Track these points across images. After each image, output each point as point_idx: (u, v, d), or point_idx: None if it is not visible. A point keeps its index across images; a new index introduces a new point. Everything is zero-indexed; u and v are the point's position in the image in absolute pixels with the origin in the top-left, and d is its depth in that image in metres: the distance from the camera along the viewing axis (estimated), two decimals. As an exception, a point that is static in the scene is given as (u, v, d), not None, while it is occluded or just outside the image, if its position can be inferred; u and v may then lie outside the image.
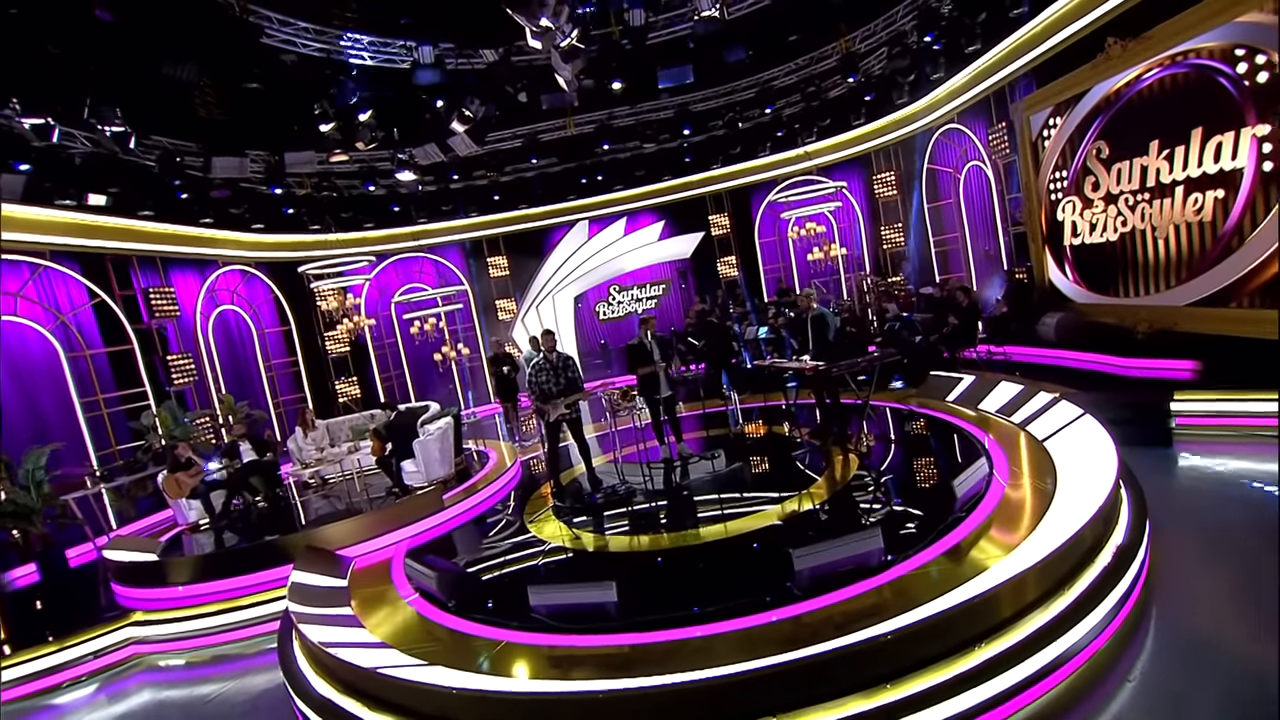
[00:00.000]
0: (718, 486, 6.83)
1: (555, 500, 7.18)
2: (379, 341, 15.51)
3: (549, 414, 7.14)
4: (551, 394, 7.08)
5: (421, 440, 8.31)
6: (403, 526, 7.14)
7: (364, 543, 6.85)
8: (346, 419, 10.61)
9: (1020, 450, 5.84)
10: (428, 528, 7.21)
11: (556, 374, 7.12)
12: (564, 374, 7.14)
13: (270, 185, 11.70)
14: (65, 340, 9.56)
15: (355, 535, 6.90)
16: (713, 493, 6.71)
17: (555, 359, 7.17)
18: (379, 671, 3.81)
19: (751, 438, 8.32)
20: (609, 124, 13.29)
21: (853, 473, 6.46)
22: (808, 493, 6.10)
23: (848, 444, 7.19)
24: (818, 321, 7.34)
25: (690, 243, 16.66)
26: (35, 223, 9.07)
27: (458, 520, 7.40)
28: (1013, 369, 9.04)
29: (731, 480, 6.95)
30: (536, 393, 7.14)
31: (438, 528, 7.22)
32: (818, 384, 7.59)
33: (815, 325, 7.35)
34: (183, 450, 8.24)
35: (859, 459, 6.78)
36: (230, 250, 12.46)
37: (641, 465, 7.76)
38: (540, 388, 7.11)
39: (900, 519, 5.11)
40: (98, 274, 10.14)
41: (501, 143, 13.36)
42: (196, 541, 7.97)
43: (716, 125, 14.14)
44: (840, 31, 11.15)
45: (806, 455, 7.21)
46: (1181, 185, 7.26)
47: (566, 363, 7.21)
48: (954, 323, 9.68)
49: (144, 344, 10.47)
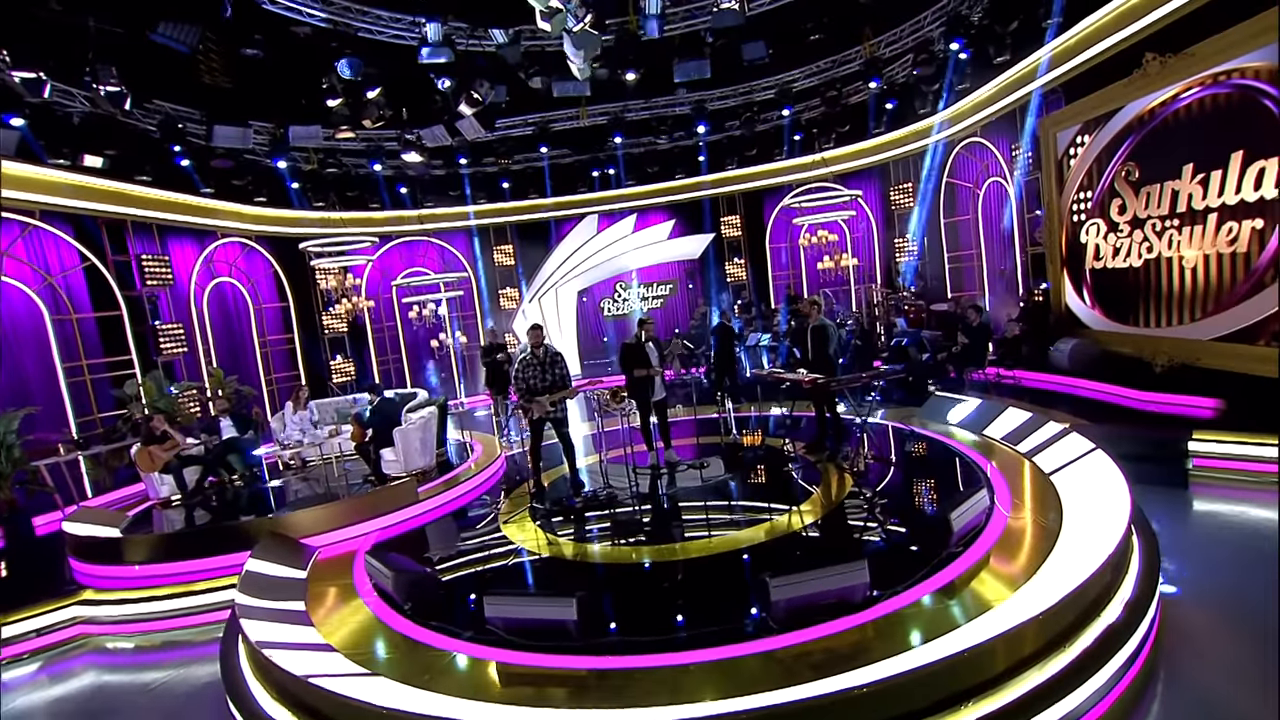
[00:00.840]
0: (703, 498, 6.52)
1: (534, 501, 6.87)
2: (378, 324, 15.26)
3: (533, 411, 6.83)
4: (537, 390, 6.77)
5: (402, 429, 8.02)
6: (374, 518, 6.85)
7: (332, 532, 6.56)
8: (333, 401, 10.35)
9: (1025, 482, 5.47)
10: (400, 521, 6.91)
11: (543, 370, 6.81)
12: (551, 370, 6.82)
13: (273, 157, 11.43)
14: (52, 302, 9.33)
15: (324, 523, 6.61)
16: (697, 504, 6.39)
17: (543, 354, 6.85)
18: (310, 680, 3.51)
19: (744, 448, 7.97)
20: (622, 116, 12.95)
21: (846, 492, 6.12)
22: (797, 511, 5.76)
23: (843, 461, 6.84)
24: (819, 332, 6.98)
25: (700, 244, 16.32)
26: (27, 180, 8.85)
27: (432, 515, 7.10)
28: (1022, 394, 8.65)
29: (718, 492, 6.62)
30: (522, 388, 6.83)
31: (410, 521, 6.92)
32: (816, 397, 7.24)
33: (816, 336, 6.99)
34: (158, 423, 7.98)
35: (854, 478, 6.43)
36: (231, 222, 12.22)
37: (627, 469, 7.44)
38: (526, 383, 6.80)
39: (891, 548, 4.77)
40: (90, 237, 9.91)
41: (512, 129, 13.05)
42: (166, 518, 7.70)
43: (733, 125, 13.81)
44: (865, 35, 10.76)
45: (800, 470, 6.86)
46: (1215, 213, 6.84)
47: (554, 359, 6.89)
48: (964, 342, 9.30)
49: (133, 311, 10.23)
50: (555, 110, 12.92)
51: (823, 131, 13.22)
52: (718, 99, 12.70)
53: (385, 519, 6.87)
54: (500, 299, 16.04)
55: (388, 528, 6.75)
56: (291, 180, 12.41)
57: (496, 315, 16.00)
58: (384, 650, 4.14)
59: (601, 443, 7.89)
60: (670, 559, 5.11)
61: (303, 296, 14.08)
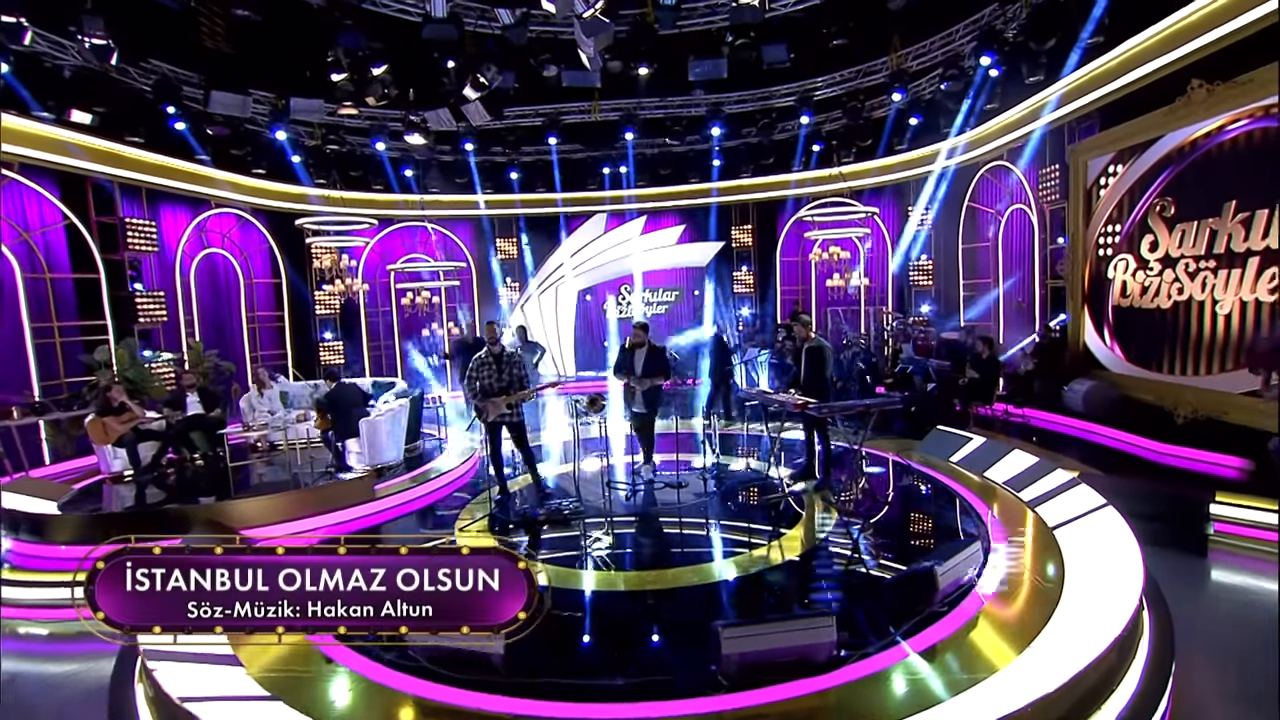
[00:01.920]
0: (676, 521, 6.06)
1: (495, 509, 6.42)
2: (373, 309, 14.91)
3: (488, 412, 6.39)
4: (491, 390, 6.33)
5: (370, 420, 7.61)
6: (325, 513, 6.46)
7: (279, 524, 6.16)
8: (305, 384, 9.97)
9: (1026, 535, 4.96)
10: (352, 518, 6.51)
11: (500, 369, 6.36)
12: (508, 370, 6.38)
13: (273, 127, 11.10)
14: (27, 260, 9.02)
15: (268, 515, 6.22)
16: (668, 528, 5.94)
17: (499, 352, 6.41)
18: (184, 702, 3.07)
19: (728, 470, 7.50)
20: (635, 114, 12.54)
21: (830, 527, 5.64)
22: (773, 545, 5.29)
23: (831, 494, 6.35)
24: (815, 354, 6.50)
25: (708, 251, 15.86)
26: (9, 131, 8.53)
27: (387, 514, 6.68)
28: (1030, 435, 8.12)
29: (692, 516, 6.15)
30: (474, 388, 6.39)
31: (362, 520, 6.51)
32: (807, 422, 6.76)
33: (811, 357, 6.51)
34: (116, 394, 7.60)
35: (840, 512, 5.95)
36: (227, 192, 11.89)
37: (601, 481, 7.00)
38: (479, 383, 6.36)
39: (868, 598, 4.29)
40: (76, 196, 9.60)
41: (522, 119, 12.68)
42: (116, 494, 7.34)
43: (750, 132, 13.35)
44: (893, 45, 10.28)
45: (783, 500, 6.38)
46: (1258, 256, 6.30)
47: (510, 359, 6.45)
48: (972, 375, 8.77)
49: (113, 275, 9.91)
50: (567, 102, 12.53)
51: (842, 144, 12.72)
52: (735, 102, 12.27)
53: (337, 515, 6.47)
54: (500, 292, 15.64)
55: (338, 525, 6.33)
56: (293, 153, 12.07)
57: (493, 308, 15.59)
58: (294, 668, 3.70)
59: (576, 450, 7.44)
60: (625, 589, 4.65)
61: (297, 274, 13.75)
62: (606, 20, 8.30)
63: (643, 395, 6.94)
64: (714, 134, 12.37)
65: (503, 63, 9.95)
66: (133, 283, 10.14)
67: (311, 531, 6.09)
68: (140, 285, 10.29)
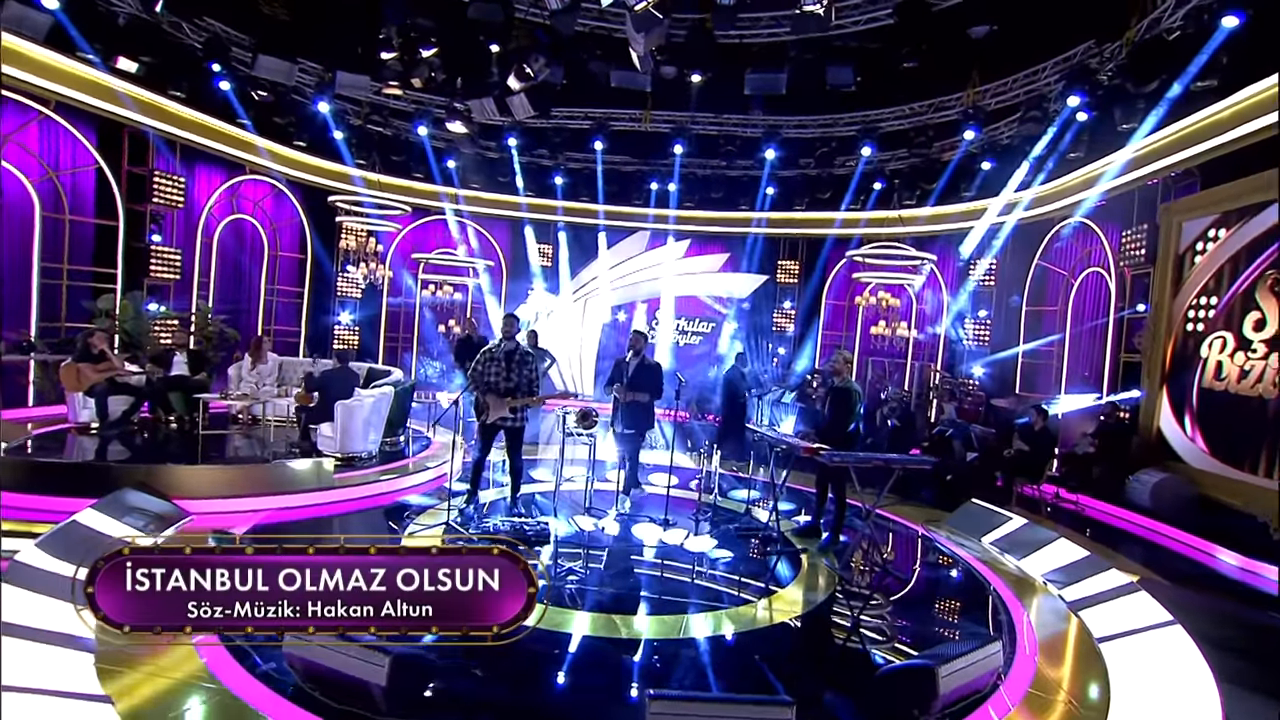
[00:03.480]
0: (651, 561, 5.40)
1: (456, 518, 5.85)
2: (394, 297, 14.79)
3: (488, 413, 5.88)
4: (496, 390, 5.82)
5: (346, 404, 7.18)
6: (275, 494, 6.03)
7: (221, 499, 5.74)
8: (305, 360, 9.71)
9: (1065, 644, 4.12)
10: (303, 505, 6.05)
11: (509, 368, 5.86)
12: (518, 370, 5.87)
13: (316, 98, 11.13)
14: (50, 199, 9.08)
15: (212, 487, 5.83)
16: (640, 568, 5.28)
17: (512, 349, 5.92)
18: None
19: (724, 514, 6.78)
20: (688, 127, 12.17)
21: (826, 595, 4.89)
22: (754, 605, 4.59)
23: (835, 558, 5.58)
24: (840, 396, 5.80)
25: (750, 283, 15.27)
26: (51, 69, 8.64)
27: (340, 507, 6.20)
28: (1082, 526, 7.16)
29: (669, 558, 5.48)
30: (478, 384, 5.90)
31: (314, 509, 6.06)
32: (822, 473, 6.02)
33: (835, 399, 5.81)
34: (97, 340, 7.44)
35: (840, 580, 5.18)
36: (263, 159, 11.94)
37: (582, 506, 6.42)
38: (484, 379, 5.87)
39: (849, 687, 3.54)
40: (111, 143, 9.69)
41: (569, 119, 12.46)
42: (79, 445, 7.11)
43: (808, 163, 12.82)
44: (971, 80, 9.62)
45: (778, 555, 5.65)
46: (1387, 345, 5.35)
47: (524, 358, 5.94)
48: (1021, 447, 7.86)
49: (132, 226, 9.93)
50: (617, 108, 12.27)
51: (905, 184, 12.05)
52: (794, 127, 11.77)
53: (286, 499, 6.03)
54: (530, 296, 15.32)
55: (283, 510, 5.88)
56: (336, 129, 12.08)
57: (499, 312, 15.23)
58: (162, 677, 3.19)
59: (560, 470, 6.85)
60: (563, 630, 3.99)
61: (325, 252, 13.73)
62: (660, 16, 7.96)
63: (625, 412, 6.36)
64: (768, 157, 11.87)
65: (551, 55, 9.73)
66: (151, 234, 10.15)
67: (250, 512, 5.64)
68: (159, 239, 10.29)
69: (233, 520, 5.45)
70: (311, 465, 6.28)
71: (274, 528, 5.35)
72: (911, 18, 7.58)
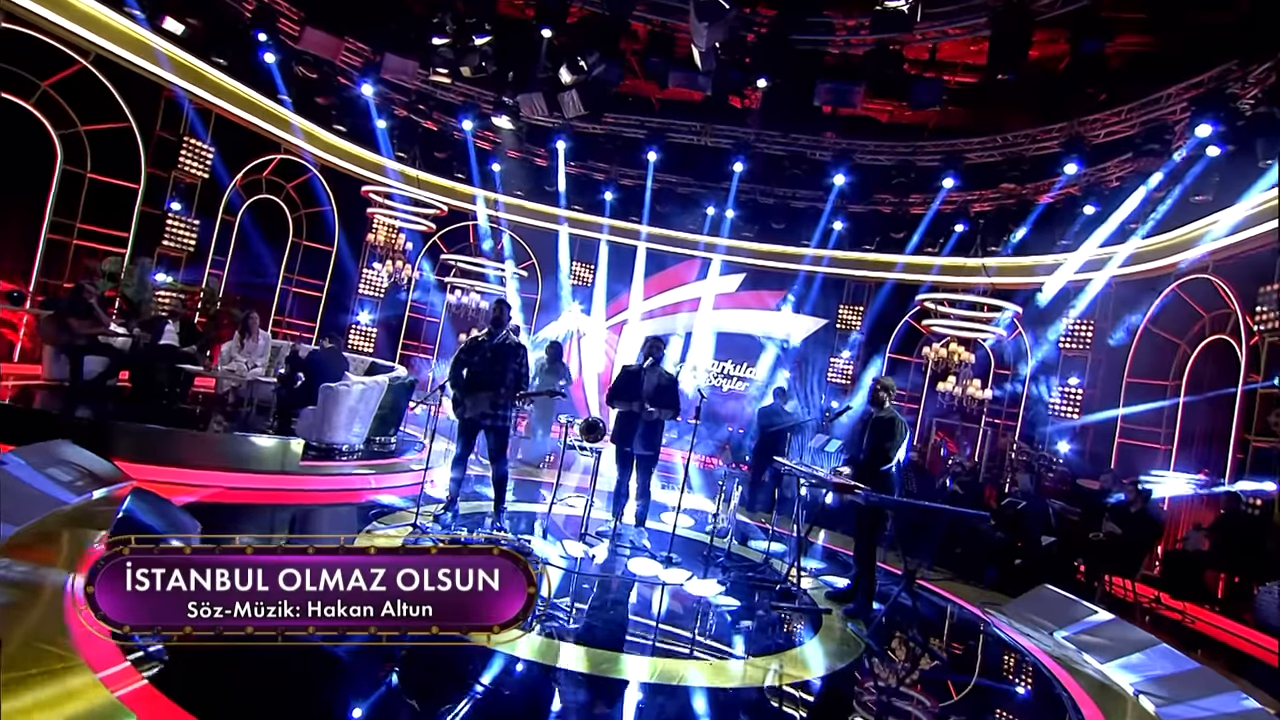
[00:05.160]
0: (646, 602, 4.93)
1: (424, 523, 5.49)
2: (422, 301, 14.92)
3: (465, 406, 5.59)
4: (478, 382, 5.54)
5: (332, 388, 7.02)
6: (231, 471, 5.81)
7: (169, 467, 5.58)
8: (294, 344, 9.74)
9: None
10: (259, 487, 5.82)
11: (494, 359, 5.58)
12: (508, 363, 5.58)
13: (360, 80, 11.48)
14: (74, 153, 9.46)
15: (162, 452, 5.69)
16: (631, 609, 4.81)
17: (503, 338, 5.65)
18: None
19: (739, 560, 6.23)
20: (752, 144, 12.02)
21: (844, 664, 4.30)
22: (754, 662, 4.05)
23: (864, 625, 4.96)
24: (881, 427, 5.28)
25: (806, 326, 14.81)
26: (96, 21, 9.12)
27: (301, 498, 5.95)
28: (1189, 640, 6.27)
29: (662, 600, 4.98)
30: (458, 374, 5.65)
31: (267, 494, 5.80)
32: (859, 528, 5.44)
33: (875, 429, 5.29)
34: (88, 294, 7.53)
35: (866, 647, 4.58)
36: (299, 140, 12.32)
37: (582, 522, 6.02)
38: (466, 368, 5.61)
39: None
40: (146, 104, 10.12)
41: (623, 128, 12.50)
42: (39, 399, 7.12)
43: (883, 199, 12.47)
44: (1085, 100, 8.97)
45: (796, 613, 5.08)
46: None
47: (515, 351, 5.66)
48: (1112, 529, 7.05)
49: (151, 191, 10.26)
50: (672, 118, 12.28)
51: (991, 227, 11.52)
52: (869, 153, 11.47)
53: (244, 478, 5.80)
54: (563, 314, 15.22)
55: (236, 490, 5.63)
56: (379, 117, 12.41)
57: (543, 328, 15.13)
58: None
59: (556, 486, 6.47)
60: (520, 655, 3.55)
61: (351, 248, 14.00)
62: (726, 5, 7.88)
63: (642, 432, 5.95)
64: (836, 182, 11.57)
65: (606, 50, 9.79)
66: (170, 202, 10.46)
67: (197, 487, 5.41)
68: (179, 207, 10.59)
69: (172, 493, 5.22)
70: (277, 444, 6.07)
71: (212, 509, 5.07)
72: (1011, 28, 7.25)
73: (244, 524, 5.09)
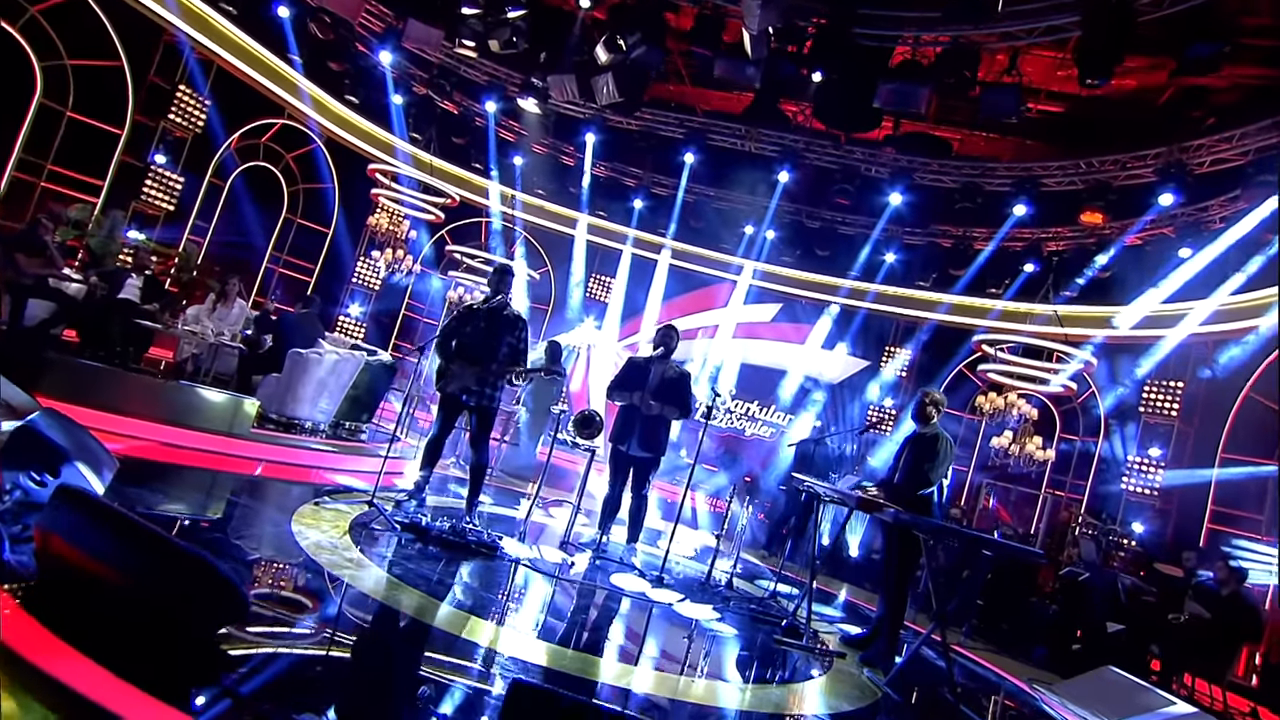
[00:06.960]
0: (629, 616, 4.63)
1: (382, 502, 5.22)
2: (420, 299, 14.93)
3: (449, 379, 5.40)
4: (467, 353, 5.37)
5: (300, 354, 6.87)
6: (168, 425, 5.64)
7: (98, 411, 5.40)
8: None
9: None
10: (197, 447, 5.61)
11: (489, 329, 5.41)
12: (504, 335, 5.41)
13: (378, 46, 11.67)
14: (56, 89, 9.64)
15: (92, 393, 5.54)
16: (609, 619, 4.52)
17: (498, 307, 5.49)
18: None
19: (742, 593, 5.88)
20: (801, 153, 11.97)
21: (855, 706, 3.94)
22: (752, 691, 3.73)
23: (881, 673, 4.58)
24: (923, 444, 4.98)
25: (847, 367, 14.54)
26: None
27: (242, 465, 5.71)
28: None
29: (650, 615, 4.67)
30: (445, 343, 5.48)
31: (204, 455, 5.58)
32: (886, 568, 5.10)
33: (917, 447, 5.00)
34: (45, 229, 7.50)
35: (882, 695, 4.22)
36: (306, 106, 12.51)
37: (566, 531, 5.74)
38: (456, 337, 5.44)
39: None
40: (141, 48, 10.33)
41: (660, 125, 12.54)
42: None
43: (944, 229, 12.33)
44: (1189, 124, 8.76)
45: (803, 650, 4.71)
46: None
47: (513, 322, 5.48)
48: (1197, 611, 6.56)
49: (135, 140, 10.40)
50: (713, 119, 12.33)
51: (1066, 269, 11.24)
52: (932, 171, 11.33)
53: (183, 434, 5.61)
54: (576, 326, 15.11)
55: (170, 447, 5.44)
56: (395, 90, 12.56)
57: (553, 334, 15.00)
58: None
59: (540, 486, 6.20)
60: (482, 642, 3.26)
61: (350, 232, 14.09)
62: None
63: (642, 430, 5.69)
64: (893, 202, 11.43)
65: (648, 31, 9.85)
66: (154, 154, 10.58)
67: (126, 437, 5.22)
68: (163, 160, 10.70)
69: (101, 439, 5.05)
70: (227, 401, 5.88)
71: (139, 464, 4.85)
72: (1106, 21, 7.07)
73: (172, 486, 4.88)
